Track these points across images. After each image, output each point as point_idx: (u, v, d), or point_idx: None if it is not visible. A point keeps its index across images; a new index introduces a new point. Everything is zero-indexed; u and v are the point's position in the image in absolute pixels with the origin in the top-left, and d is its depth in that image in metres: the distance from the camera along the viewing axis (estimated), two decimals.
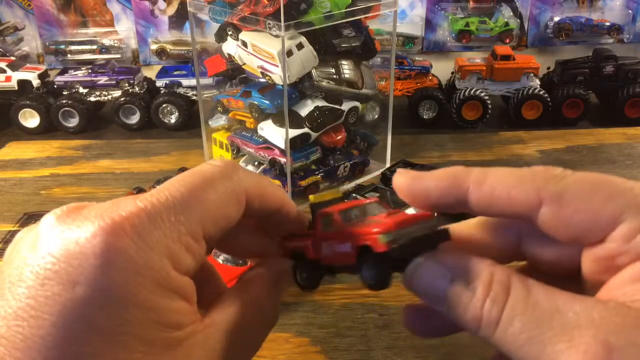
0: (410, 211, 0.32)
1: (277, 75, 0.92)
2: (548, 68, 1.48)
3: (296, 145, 0.98)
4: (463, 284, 0.27)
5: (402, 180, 0.31)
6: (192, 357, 0.27)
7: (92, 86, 1.45)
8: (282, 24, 0.85)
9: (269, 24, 0.87)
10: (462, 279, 0.27)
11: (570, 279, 0.29)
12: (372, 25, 1.04)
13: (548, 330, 0.24)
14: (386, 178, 1.02)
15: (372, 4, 0.96)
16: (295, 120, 0.97)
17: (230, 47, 1.01)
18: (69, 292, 0.23)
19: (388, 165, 1.09)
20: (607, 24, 1.57)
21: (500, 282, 0.26)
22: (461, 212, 0.30)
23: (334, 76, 0.99)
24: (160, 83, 1.46)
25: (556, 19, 1.57)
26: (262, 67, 0.94)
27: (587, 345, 0.23)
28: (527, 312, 0.25)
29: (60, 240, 0.25)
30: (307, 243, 0.34)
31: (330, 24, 0.92)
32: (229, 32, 1.00)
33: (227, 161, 0.31)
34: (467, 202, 0.29)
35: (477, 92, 1.35)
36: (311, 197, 0.35)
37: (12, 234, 0.91)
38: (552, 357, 0.24)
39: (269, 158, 1.00)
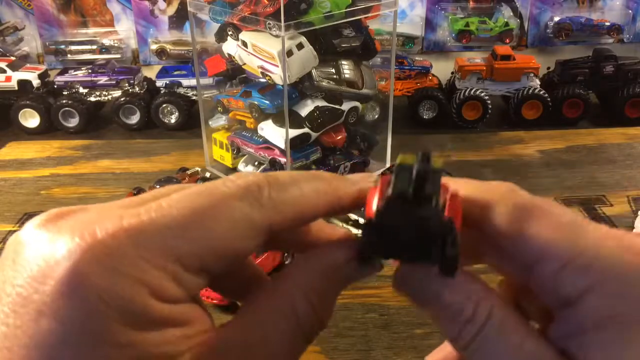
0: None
1: (277, 75, 0.92)
2: (548, 68, 1.48)
3: (296, 145, 0.98)
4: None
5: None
6: None
7: (92, 86, 1.45)
8: (282, 24, 0.85)
9: (269, 24, 0.87)
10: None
11: None
12: (372, 25, 1.03)
13: None
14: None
15: (372, 4, 0.96)
16: (295, 120, 0.97)
17: (230, 47, 1.01)
18: (34, 324, 0.21)
19: (388, 165, 1.09)
20: (607, 24, 1.57)
21: (482, 306, 0.26)
22: None
23: (334, 76, 0.99)
24: (160, 83, 1.46)
25: (556, 19, 1.58)
26: (262, 67, 0.94)
27: None
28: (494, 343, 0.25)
29: (35, 258, 0.22)
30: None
31: (330, 24, 0.92)
32: (229, 32, 1.00)
33: (250, 180, 0.25)
34: None
35: (477, 92, 1.35)
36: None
37: (12, 234, 0.91)
38: None
39: (269, 158, 1.00)
